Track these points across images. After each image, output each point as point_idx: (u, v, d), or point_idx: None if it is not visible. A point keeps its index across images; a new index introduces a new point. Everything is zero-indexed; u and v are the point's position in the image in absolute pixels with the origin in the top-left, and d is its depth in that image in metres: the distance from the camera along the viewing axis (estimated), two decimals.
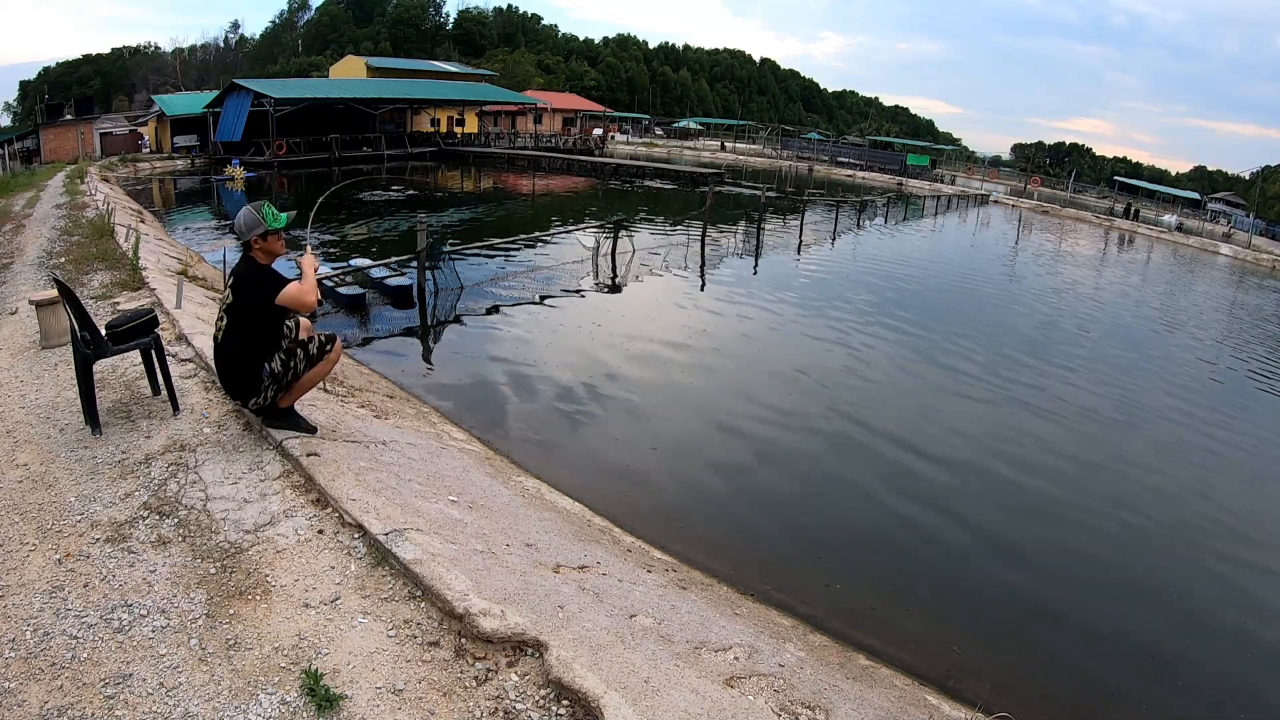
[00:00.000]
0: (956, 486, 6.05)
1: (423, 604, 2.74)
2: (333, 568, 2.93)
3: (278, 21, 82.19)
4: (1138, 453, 7.42)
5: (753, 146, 63.43)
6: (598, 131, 55.05)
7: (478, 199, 26.16)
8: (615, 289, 11.93)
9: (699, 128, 73.89)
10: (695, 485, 5.62)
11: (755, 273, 14.50)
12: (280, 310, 3.67)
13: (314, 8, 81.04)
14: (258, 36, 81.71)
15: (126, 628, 2.53)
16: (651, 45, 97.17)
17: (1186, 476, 7.01)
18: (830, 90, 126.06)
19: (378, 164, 33.66)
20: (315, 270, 3.77)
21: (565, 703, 2.34)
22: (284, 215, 3.67)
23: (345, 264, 11.54)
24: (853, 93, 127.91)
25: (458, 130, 44.95)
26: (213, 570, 2.87)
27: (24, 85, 63.09)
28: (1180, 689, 4.07)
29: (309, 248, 3.94)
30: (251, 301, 3.58)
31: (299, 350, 3.74)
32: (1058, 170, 77.95)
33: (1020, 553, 5.22)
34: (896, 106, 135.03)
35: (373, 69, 48.07)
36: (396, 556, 2.92)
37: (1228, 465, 7.50)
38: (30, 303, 5.69)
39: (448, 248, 11.54)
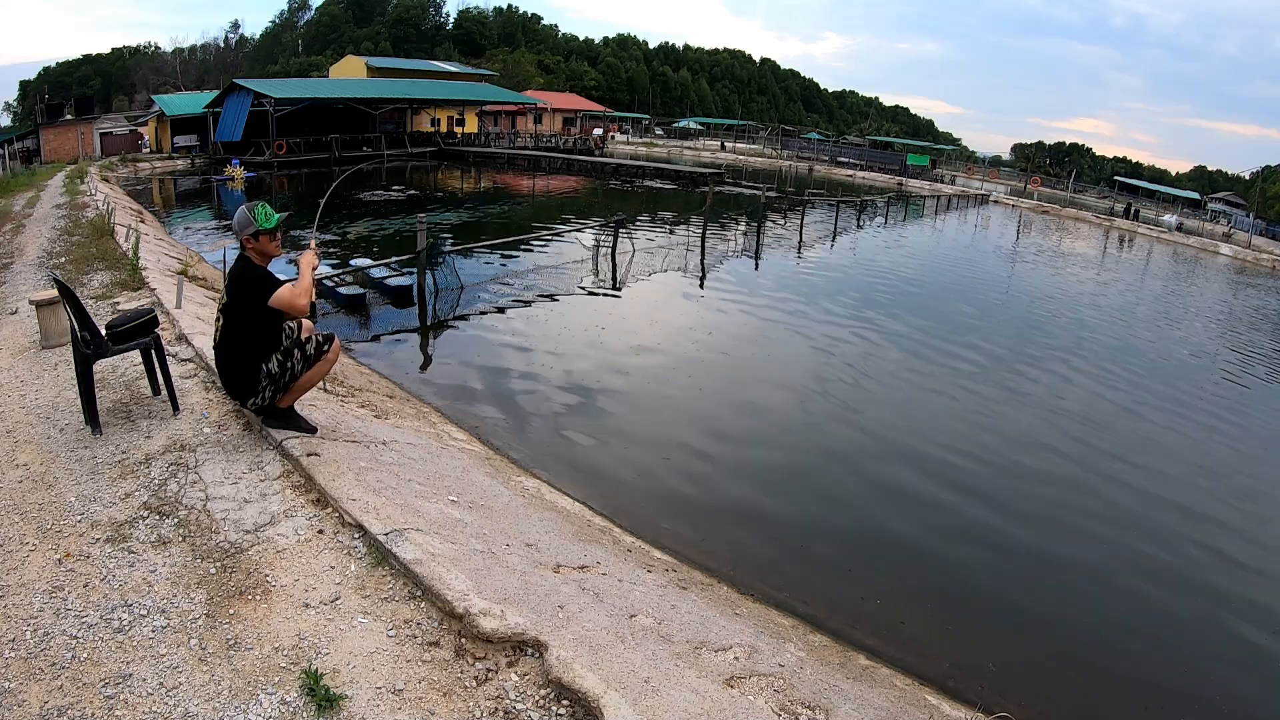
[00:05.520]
0: (957, 487, 6.05)
1: (423, 604, 2.74)
2: (333, 568, 2.93)
3: (278, 21, 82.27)
4: (1141, 455, 7.41)
5: (753, 146, 63.41)
6: (598, 131, 55.03)
7: (478, 199, 26.15)
8: (615, 289, 11.93)
9: (699, 128, 73.85)
10: (695, 485, 5.62)
11: (755, 273, 14.50)
12: (275, 312, 3.66)
13: (314, 8, 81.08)
14: (258, 36, 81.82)
15: (126, 628, 2.53)
16: (651, 45, 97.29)
17: (1191, 478, 6.99)
18: (830, 90, 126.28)
19: (378, 164, 33.67)
20: (315, 269, 3.76)
21: (565, 703, 2.34)
22: (276, 216, 3.64)
23: (345, 264, 11.54)
24: (853, 93, 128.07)
25: (458, 130, 44.94)
26: (213, 570, 2.87)
27: (24, 85, 63.11)
28: (1182, 689, 4.07)
29: (314, 243, 3.91)
30: (245, 303, 3.58)
31: (296, 350, 3.74)
32: (1058, 170, 77.96)
33: (1020, 553, 5.22)
34: (896, 106, 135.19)
35: (373, 69, 48.06)
36: (396, 556, 2.92)
37: (1233, 467, 7.50)
38: (30, 303, 5.69)
39: (448, 248, 11.53)
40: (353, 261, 11.59)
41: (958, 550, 5.10)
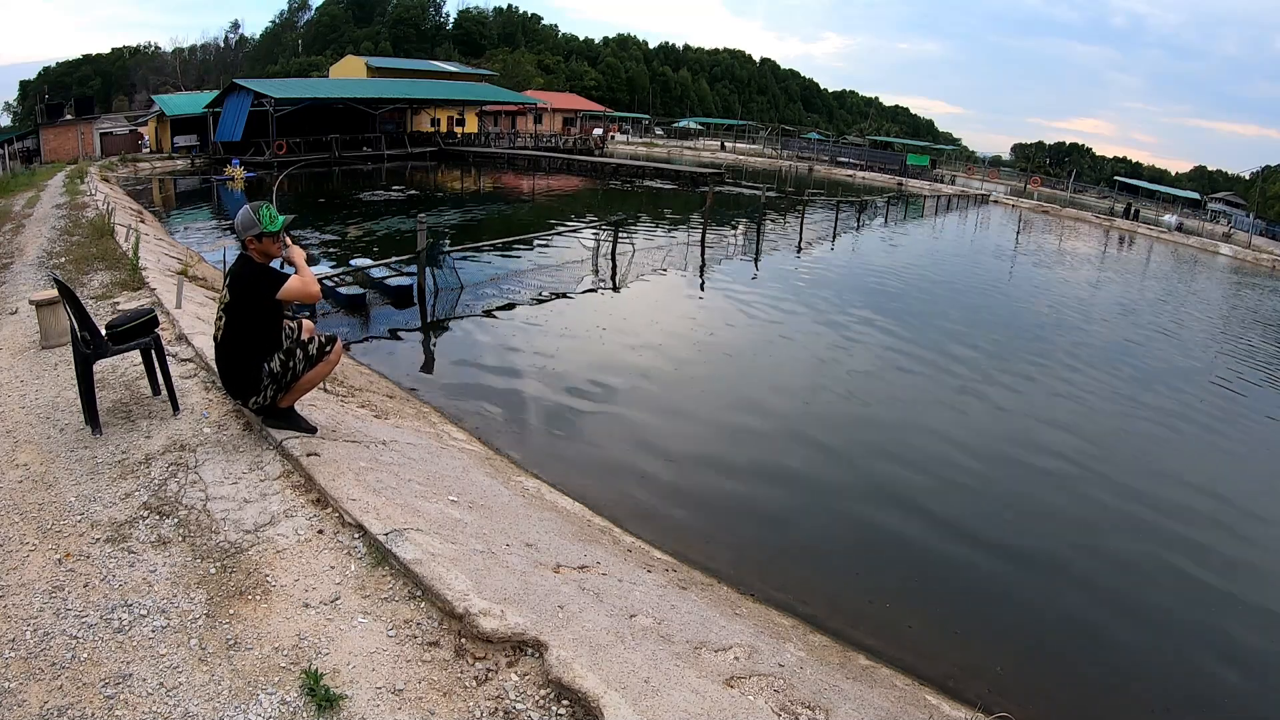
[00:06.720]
0: (956, 489, 6.05)
1: (423, 604, 2.74)
2: (333, 568, 2.93)
3: (278, 21, 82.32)
4: (1141, 460, 7.41)
5: (753, 146, 63.41)
6: (598, 131, 55.03)
7: (478, 199, 26.16)
8: (615, 289, 11.93)
9: (699, 128, 73.85)
10: (695, 485, 5.62)
11: (755, 273, 14.50)
12: (279, 308, 3.67)
13: (314, 8, 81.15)
14: (258, 36, 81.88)
15: (126, 628, 2.53)
16: (651, 45, 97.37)
17: (1190, 484, 6.98)
18: (830, 90, 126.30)
19: (378, 164, 33.67)
20: (305, 259, 3.79)
21: (565, 703, 2.34)
22: (281, 218, 3.65)
23: (345, 264, 11.55)
24: (853, 93, 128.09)
25: (458, 130, 44.95)
26: (213, 570, 2.87)
27: (24, 85, 63.13)
28: (1182, 691, 4.07)
29: (287, 238, 3.87)
30: (250, 300, 3.58)
31: (299, 350, 3.74)
32: (1058, 170, 77.95)
33: (1020, 555, 5.22)
34: (896, 106, 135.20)
35: (373, 69, 48.08)
36: (396, 556, 2.92)
37: (1231, 472, 7.50)
38: (30, 303, 5.69)
39: (448, 248, 11.54)
40: (353, 261, 11.59)
41: (957, 552, 5.10)
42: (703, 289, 12.63)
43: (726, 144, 62.50)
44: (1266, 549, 5.88)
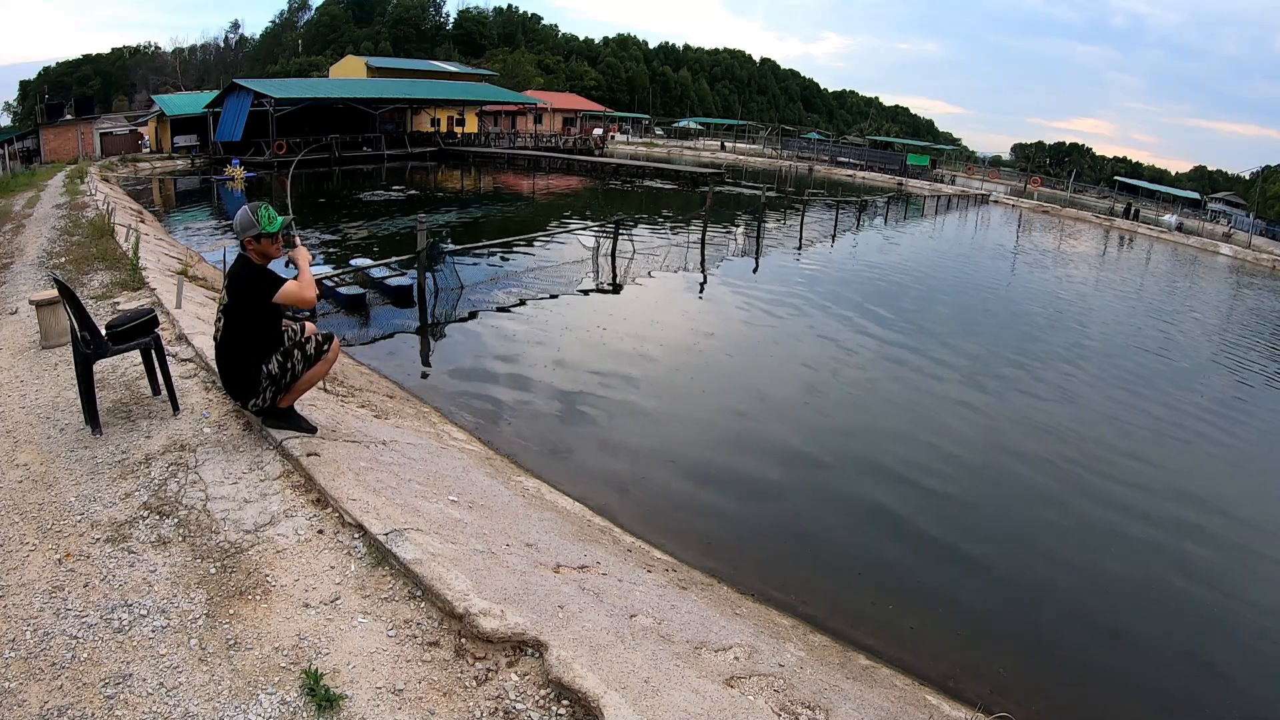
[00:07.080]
0: (955, 489, 6.05)
1: (423, 604, 2.74)
2: (333, 568, 2.93)
3: (278, 21, 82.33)
4: (1141, 462, 7.40)
5: (753, 146, 63.40)
6: (598, 131, 55.02)
7: (478, 199, 26.16)
8: (615, 289, 11.93)
9: (699, 128, 73.85)
10: (695, 485, 5.61)
11: (755, 273, 14.50)
12: (277, 310, 3.66)
13: (314, 8, 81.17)
14: (258, 36, 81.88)
15: (126, 628, 2.53)
16: (651, 45, 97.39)
17: (1190, 484, 6.99)
18: (830, 90, 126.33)
19: (378, 164, 33.67)
20: (309, 262, 3.78)
21: (565, 702, 2.34)
22: (279, 219, 3.64)
23: (345, 264, 11.55)
24: (853, 93, 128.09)
25: (458, 130, 44.94)
26: (213, 570, 2.87)
27: (24, 85, 63.18)
28: (1180, 692, 4.07)
29: (298, 239, 3.87)
30: (247, 302, 3.58)
31: (296, 351, 3.74)
32: (1058, 170, 77.93)
33: (1021, 553, 5.22)
34: (896, 106, 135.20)
35: (373, 69, 48.09)
36: (396, 556, 2.92)
37: (1230, 473, 7.50)
38: (30, 303, 5.69)
39: (448, 248, 11.54)
40: (353, 261, 11.60)
41: (957, 552, 5.10)
42: (703, 289, 12.63)
43: (726, 144, 62.49)
44: (1265, 552, 5.87)
